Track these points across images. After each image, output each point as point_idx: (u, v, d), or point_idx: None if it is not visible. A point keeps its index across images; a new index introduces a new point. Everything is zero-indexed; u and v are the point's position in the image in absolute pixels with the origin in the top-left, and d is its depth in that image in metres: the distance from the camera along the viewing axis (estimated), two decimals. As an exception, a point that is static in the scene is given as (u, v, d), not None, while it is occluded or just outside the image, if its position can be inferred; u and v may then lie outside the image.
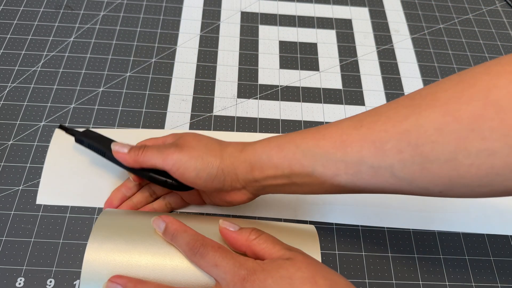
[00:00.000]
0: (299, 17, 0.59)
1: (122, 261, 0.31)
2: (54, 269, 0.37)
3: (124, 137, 0.45)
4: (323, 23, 0.59)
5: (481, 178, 0.27)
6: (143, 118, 0.47)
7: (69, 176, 0.42)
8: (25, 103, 0.47)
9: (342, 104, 0.50)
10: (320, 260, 0.32)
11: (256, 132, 0.47)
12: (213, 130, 0.47)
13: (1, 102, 0.47)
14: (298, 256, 0.29)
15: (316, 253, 0.33)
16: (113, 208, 0.39)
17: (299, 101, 0.50)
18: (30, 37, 0.52)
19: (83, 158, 0.43)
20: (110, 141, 0.38)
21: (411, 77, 0.54)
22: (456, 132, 0.26)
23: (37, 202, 0.41)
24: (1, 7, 0.55)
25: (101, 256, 0.31)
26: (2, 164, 0.43)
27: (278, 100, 0.50)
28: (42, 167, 0.43)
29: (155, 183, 0.36)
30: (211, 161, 0.34)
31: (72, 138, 0.40)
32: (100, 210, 0.41)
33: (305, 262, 0.28)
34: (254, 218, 0.41)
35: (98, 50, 0.52)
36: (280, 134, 0.35)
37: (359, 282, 0.39)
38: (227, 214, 0.41)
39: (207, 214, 0.41)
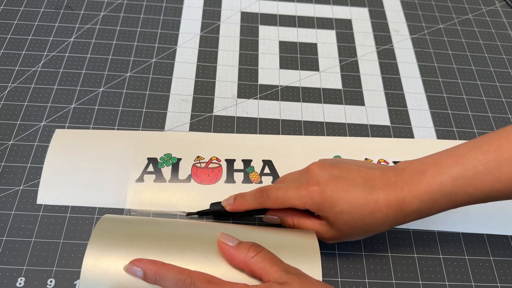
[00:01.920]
0: (299, 17, 0.59)
1: (120, 275, 0.31)
2: (54, 269, 0.37)
3: (124, 138, 0.45)
4: (323, 23, 0.59)
5: None
6: (143, 118, 0.47)
7: (69, 175, 0.42)
8: (26, 103, 0.47)
9: (342, 104, 0.50)
10: (320, 272, 0.32)
11: (256, 133, 0.47)
12: (213, 130, 0.47)
13: (2, 102, 0.47)
14: (295, 281, 0.29)
15: (316, 265, 0.32)
16: (111, 215, 0.39)
17: (299, 101, 0.50)
18: (30, 37, 0.53)
19: (83, 158, 0.43)
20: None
21: (411, 77, 0.54)
22: None
23: (38, 202, 0.41)
24: (1, 7, 0.55)
25: (98, 271, 0.31)
26: (3, 164, 0.43)
27: (278, 100, 0.50)
28: (42, 167, 0.43)
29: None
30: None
31: (71, 138, 0.40)
32: (100, 210, 0.41)
33: None
34: (254, 221, 0.41)
35: (98, 50, 0.52)
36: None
37: (359, 282, 0.39)
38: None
39: (207, 219, 0.41)
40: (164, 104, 0.48)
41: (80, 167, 0.43)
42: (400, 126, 0.49)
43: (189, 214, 0.41)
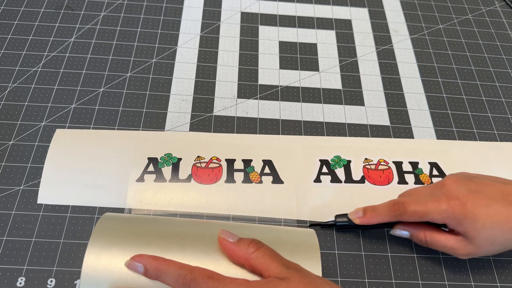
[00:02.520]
0: (299, 17, 0.59)
1: (121, 271, 0.31)
2: (55, 268, 0.37)
3: (124, 138, 0.45)
4: (323, 23, 0.59)
5: None
6: (143, 118, 0.47)
7: (70, 175, 0.42)
8: (26, 103, 0.47)
9: (342, 104, 0.51)
10: (320, 269, 0.32)
11: (256, 133, 0.47)
12: (213, 130, 0.47)
13: (2, 103, 0.47)
14: (295, 276, 0.29)
15: (316, 261, 0.33)
16: (112, 213, 0.39)
17: (299, 101, 0.50)
18: (30, 37, 0.53)
19: (83, 158, 0.43)
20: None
21: (410, 77, 0.54)
22: None
23: (38, 201, 0.41)
24: (2, 7, 0.55)
25: (99, 267, 0.31)
26: (3, 164, 0.43)
27: (278, 100, 0.50)
28: (42, 167, 0.43)
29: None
30: None
31: (72, 138, 0.40)
32: (100, 209, 0.41)
33: (302, 283, 0.28)
34: (254, 219, 0.41)
35: (98, 51, 0.52)
36: None
37: (359, 282, 0.39)
38: (227, 215, 0.41)
39: (207, 216, 0.41)
40: (164, 104, 0.49)
41: (80, 167, 0.43)
42: (400, 126, 0.49)
43: (312, 226, 0.41)
